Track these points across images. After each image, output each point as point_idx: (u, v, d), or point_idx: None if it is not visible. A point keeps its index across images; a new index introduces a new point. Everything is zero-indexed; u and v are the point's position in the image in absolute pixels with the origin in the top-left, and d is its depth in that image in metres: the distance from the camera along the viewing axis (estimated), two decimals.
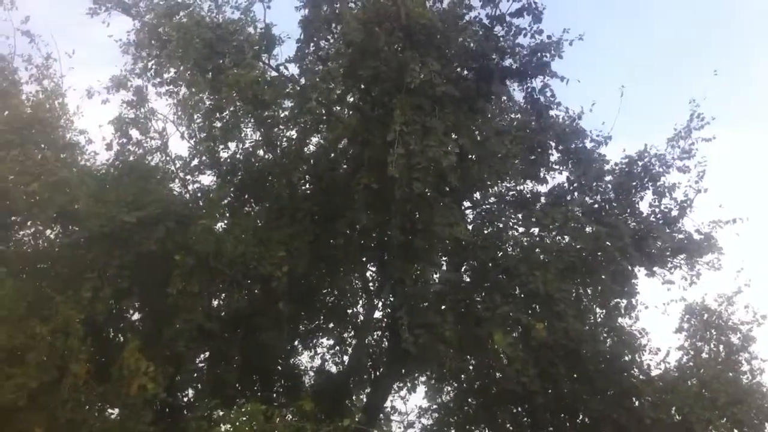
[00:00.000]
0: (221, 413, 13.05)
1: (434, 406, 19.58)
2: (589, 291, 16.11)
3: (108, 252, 12.79)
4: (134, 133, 16.53)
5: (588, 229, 15.31)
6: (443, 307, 14.44)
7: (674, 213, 16.26)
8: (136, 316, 15.05)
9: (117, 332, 14.59)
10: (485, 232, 15.89)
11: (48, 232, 14.56)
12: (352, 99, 15.73)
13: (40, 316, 11.50)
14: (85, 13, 16.04)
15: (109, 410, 12.55)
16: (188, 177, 17.55)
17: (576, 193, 16.09)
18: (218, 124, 17.12)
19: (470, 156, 14.95)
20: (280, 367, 16.69)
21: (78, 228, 13.09)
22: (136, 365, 11.11)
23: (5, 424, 10.49)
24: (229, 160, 17.62)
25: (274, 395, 16.12)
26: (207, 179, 17.73)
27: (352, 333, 18.87)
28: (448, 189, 14.45)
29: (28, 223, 14.45)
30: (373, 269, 17.93)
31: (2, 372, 10.70)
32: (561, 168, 16.52)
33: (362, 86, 15.12)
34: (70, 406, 11.00)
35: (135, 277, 13.09)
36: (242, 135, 17.83)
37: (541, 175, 16.48)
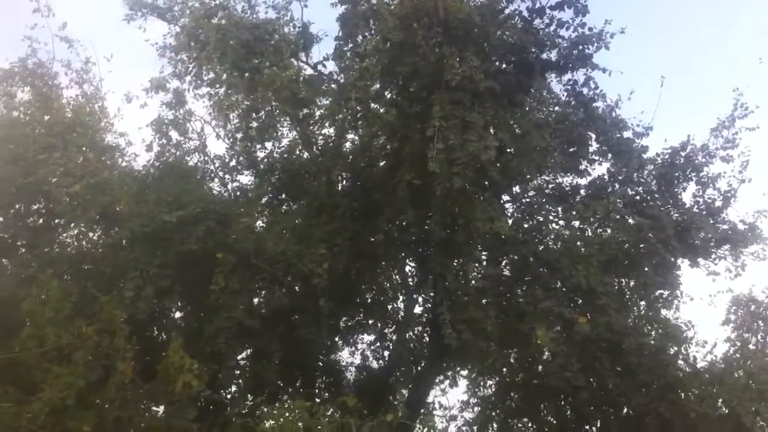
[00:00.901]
0: (265, 410, 13.13)
1: (476, 400, 19.52)
2: (631, 284, 15.92)
3: (150, 251, 12.94)
4: (173, 135, 16.71)
5: (630, 222, 15.12)
6: (485, 301, 14.34)
7: (718, 203, 16.00)
8: (178, 315, 15.23)
9: (160, 331, 14.77)
10: (525, 226, 15.77)
11: (90, 233, 14.81)
12: (390, 95, 15.67)
13: (85, 316, 11.60)
14: (121, 20, 16.31)
15: (155, 408, 12.70)
16: (227, 176, 17.69)
17: (617, 185, 15.91)
18: (254, 124, 17.25)
19: (509, 150, 14.85)
20: (321, 364, 16.68)
21: (120, 228, 13.22)
22: (181, 363, 11.14)
23: (55, 422, 10.57)
24: (266, 159, 17.74)
25: (316, 391, 16.17)
26: (246, 178, 17.92)
27: (393, 328, 18.83)
28: (488, 183, 14.34)
29: (71, 225, 14.70)
30: (413, 265, 17.91)
31: (51, 371, 10.82)
32: (601, 159, 16.36)
33: (400, 82, 15.06)
34: (117, 404, 11.07)
35: (176, 275, 13.22)
36: (279, 134, 17.96)
37: (581, 167, 16.33)
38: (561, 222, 16.08)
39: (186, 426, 11.58)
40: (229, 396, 14.79)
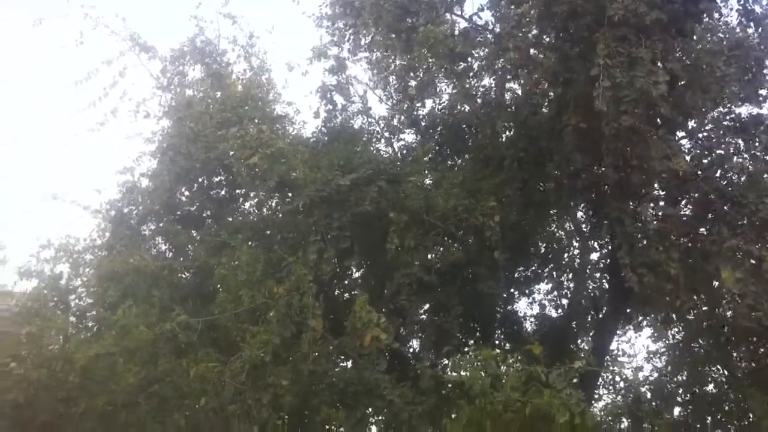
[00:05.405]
0: (449, 361, 13.33)
1: (662, 348, 18.99)
2: None
3: (327, 215, 13.34)
4: (338, 100, 17.16)
5: None
6: (666, 244, 13.80)
7: None
8: (358, 274, 15.70)
9: (343, 290, 15.31)
10: (705, 161, 14.99)
11: (270, 201, 15.49)
12: (549, 40, 15.25)
13: (274, 277, 12.24)
14: None
15: (344, 362, 13.19)
16: (392, 136, 18.03)
17: None
18: (413, 83, 17.38)
19: (681, 83, 14.12)
20: (500, 315, 16.75)
21: (297, 194, 13.71)
22: (368, 317, 11.46)
23: (256, 378, 11.27)
24: (428, 117, 17.86)
25: (497, 342, 16.26)
26: (410, 137, 18.23)
27: (570, 277, 18.65)
28: (660, 120, 13.71)
29: (252, 194, 15.47)
30: (585, 211, 17.51)
31: (248, 331, 11.53)
32: None
33: (559, 25, 14.54)
34: (311, 359, 11.65)
35: (354, 236, 13.58)
36: (438, 90, 18.00)
37: (760, 95, 15.31)
38: (744, 155, 15.17)
39: (378, 378, 12.00)
40: (412, 349, 15.18)
